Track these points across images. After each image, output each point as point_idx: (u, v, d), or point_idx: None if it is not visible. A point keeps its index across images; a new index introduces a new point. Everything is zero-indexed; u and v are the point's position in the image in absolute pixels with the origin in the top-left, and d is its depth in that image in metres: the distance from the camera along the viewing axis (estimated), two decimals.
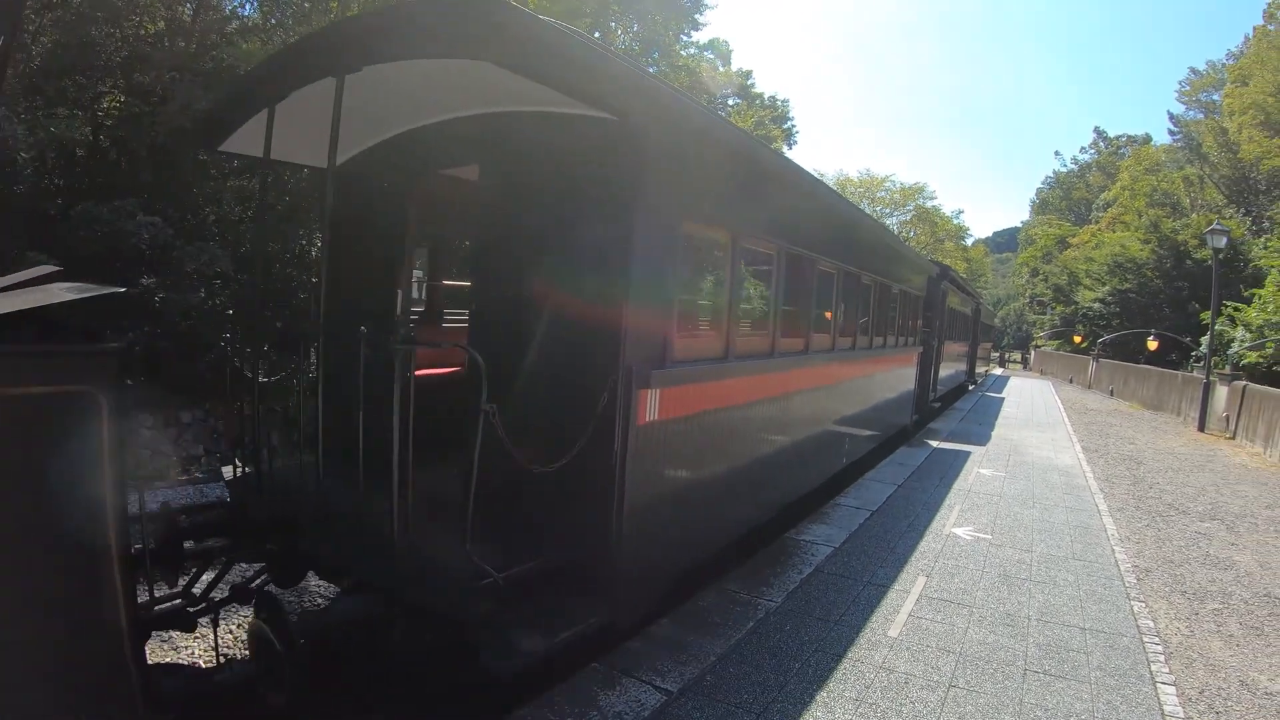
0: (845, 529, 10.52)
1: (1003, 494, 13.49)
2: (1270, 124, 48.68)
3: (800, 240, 9.91)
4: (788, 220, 9.47)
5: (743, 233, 8.17)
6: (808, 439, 11.13)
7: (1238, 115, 52.66)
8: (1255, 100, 50.50)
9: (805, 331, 10.49)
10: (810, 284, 10.59)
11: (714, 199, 7.56)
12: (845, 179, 75.36)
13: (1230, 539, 12.05)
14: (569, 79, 5.21)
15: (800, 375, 10.38)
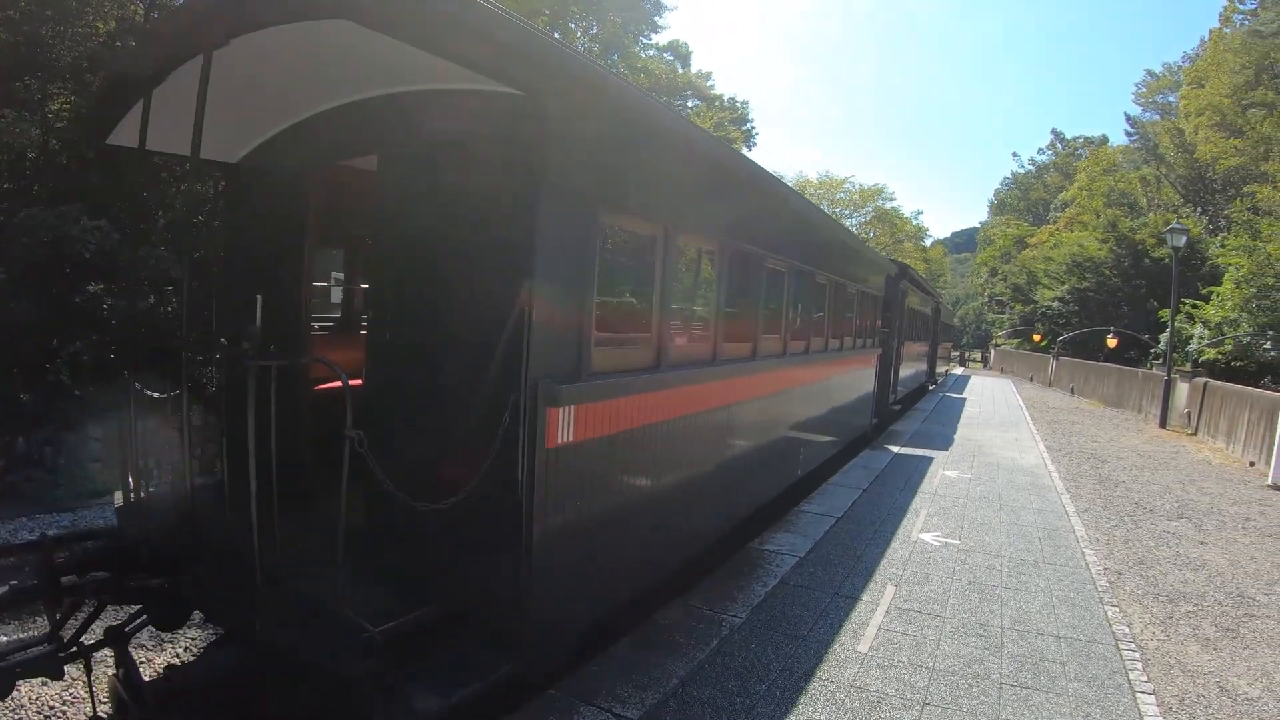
0: (810, 537, 10.14)
1: (969, 496, 13.21)
2: (1226, 125, 49.23)
3: (746, 236, 9.10)
4: (731, 214, 8.58)
5: (677, 226, 7.21)
6: (757, 452, 10.26)
7: (1194, 116, 53.32)
8: (1211, 102, 51.13)
9: (752, 335, 9.66)
10: (758, 284, 9.70)
11: (642, 188, 6.62)
12: (805, 181, 75.37)
13: (1199, 538, 11.87)
14: (455, 45, 4.44)
15: (747, 383, 9.47)
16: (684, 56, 62.60)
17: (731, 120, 61.38)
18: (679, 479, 7.79)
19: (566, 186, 5.50)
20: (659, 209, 6.95)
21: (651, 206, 6.83)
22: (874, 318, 19.19)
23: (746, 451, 9.79)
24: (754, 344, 9.63)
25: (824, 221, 13.56)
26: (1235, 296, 30.87)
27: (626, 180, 6.33)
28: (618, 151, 6.18)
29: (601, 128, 5.80)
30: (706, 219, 8.06)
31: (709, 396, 8.27)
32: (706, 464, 8.49)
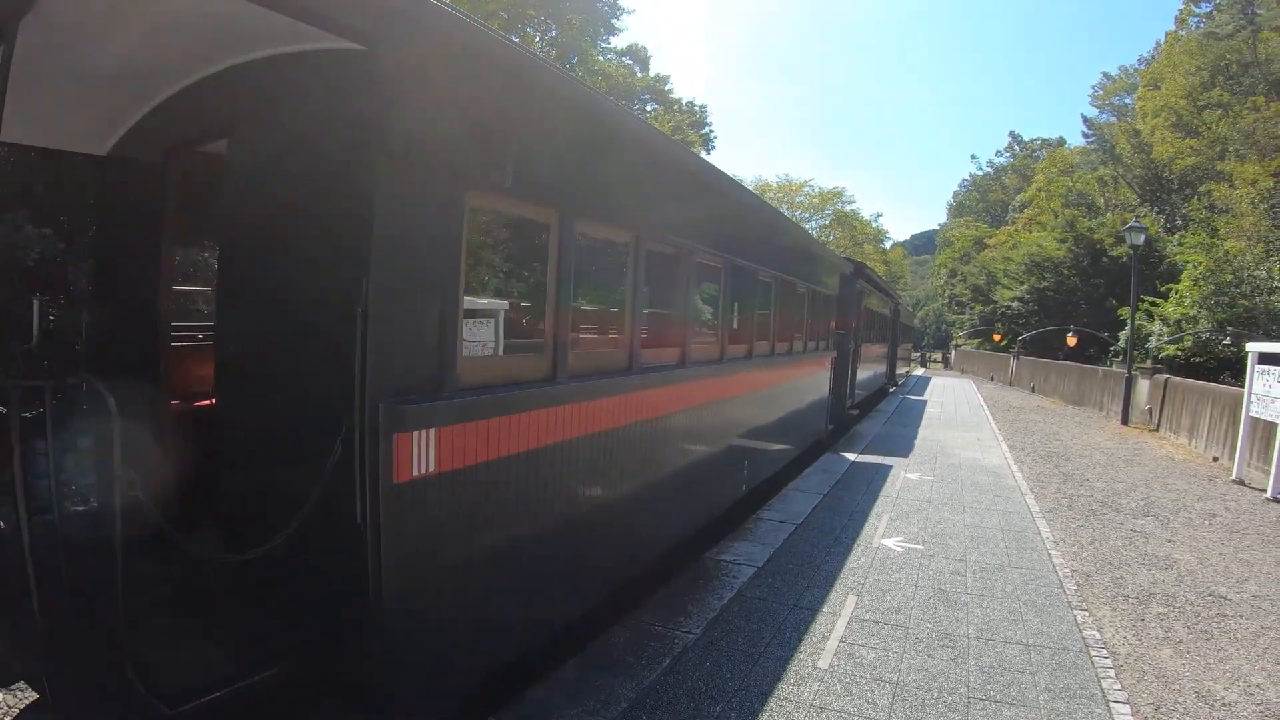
0: (769, 546, 9.71)
1: (931, 499, 12.87)
2: (1182, 125, 50.14)
3: (670, 226, 7.95)
4: (650, 199, 7.51)
5: (578, 212, 6.05)
6: (690, 470, 9.04)
7: (1150, 117, 54.31)
8: (1168, 103, 52.28)
9: (681, 340, 8.52)
10: (686, 281, 8.52)
11: (527, 164, 5.32)
12: (765, 184, 75.50)
13: (1167, 536, 11.61)
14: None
15: (675, 394, 8.26)
16: (643, 60, 62.56)
17: (690, 124, 61.36)
18: (586, 509, 6.69)
19: (419, 161, 4.46)
20: (552, 190, 5.82)
21: (542, 187, 5.69)
22: (828, 319, 18.08)
23: (676, 471, 8.63)
24: (682, 349, 8.51)
25: (767, 214, 12.37)
26: (1194, 293, 30.94)
27: (505, 154, 5.10)
28: (492, 119, 5.06)
29: (470, 91, 4.85)
30: (617, 203, 6.96)
31: (624, 410, 7.10)
32: (623, 488, 7.32)
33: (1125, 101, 73.87)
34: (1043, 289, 53.56)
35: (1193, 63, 51.03)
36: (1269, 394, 15.30)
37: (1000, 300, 60.09)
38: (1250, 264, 30.59)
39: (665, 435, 8.14)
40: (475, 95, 4.90)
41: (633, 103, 58.12)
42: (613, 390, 6.83)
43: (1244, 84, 46.84)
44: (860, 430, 21.36)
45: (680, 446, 8.67)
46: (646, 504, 7.90)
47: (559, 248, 5.89)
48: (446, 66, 4.54)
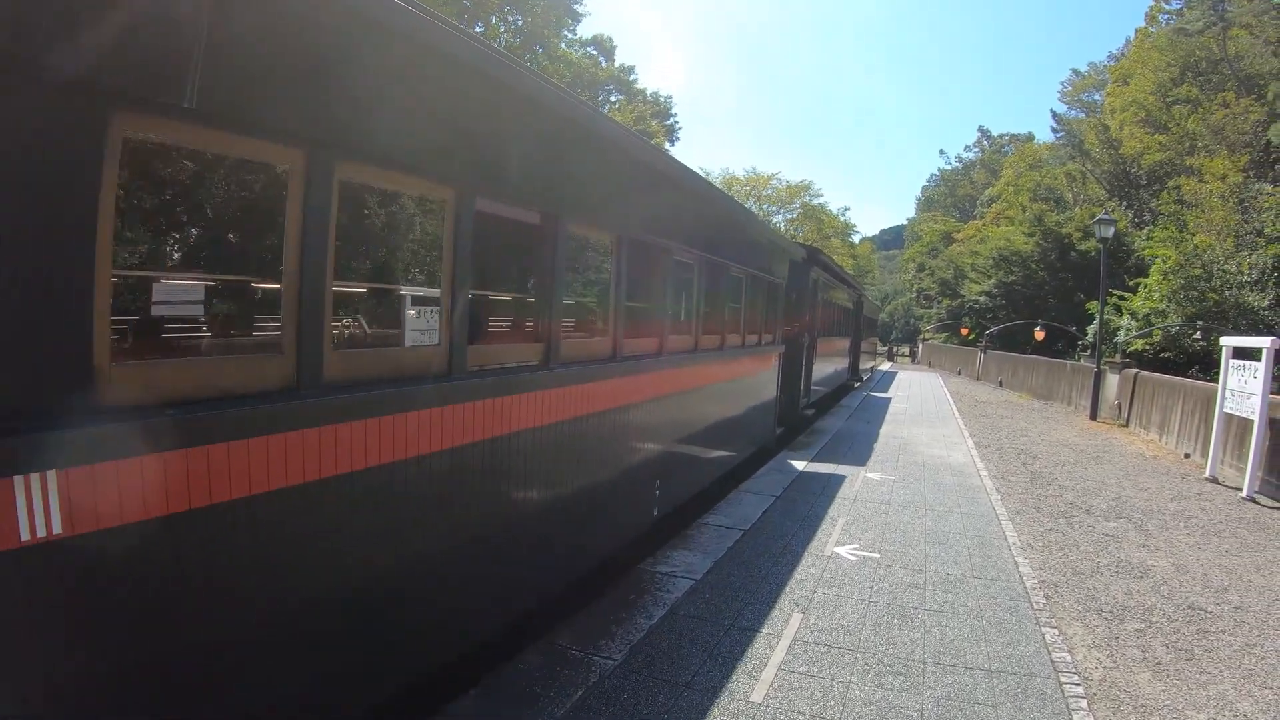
0: (711, 555, 8.83)
1: (891, 501, 12.05)
2: (1151, 121, 50.01)
3: (523, 181, 6.02)
4: (484, 143, 5.44)
5: (349, 153, 4.17)
6: (566, 502, 6.97)
7: (1119, 113, 54.30)
8: (1136, 98, 52.27)
9: (545, 334, 6.43)
10: (551, 257, 6.46)
11: (238, 77, 3.47)
12: (731, 177, 74.78)
13: (1140, 540, 10.87)
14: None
15: (540, 403, 6.21)
16: (608, 51, 61.88)
17: (654, 114, 60.63)
18: (377, 578, 4.61)
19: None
20: (293, 117, 3.82)
21: (270, 111, 3.70)
22: (776, 311, 15.97)
23: (542, 505, 6.56)
24: (548, 346, 6.38)
25: (686, 179, 9.45)
26: (1163, 288, 30.65)
27: (176, 61, 3.19)
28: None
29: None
30: (425, 147, 4.81)
31: (440, 430, 5.02)
32: (436, 542, 5.18)
33: (1094, 98, 74.07)
34: (1010, 283, 53.36)
35: (1163, 59, 51.01)
36: (1244, 389, 14.64)
37: (968, 294, 59.94)
38: (1219, 258, 30.25)
39: (507, 461, 5.88)
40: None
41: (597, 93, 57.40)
42: (402, 404, 4.64)
43: (1213, 80, 46.84)
44: (819, 428, 20.52)
45: (545, 473, 6.49)
46: (483, 559, 5.76)
47: (302, 202, 3.91)
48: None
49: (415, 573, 4.94)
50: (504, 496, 5.93)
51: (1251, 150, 38.46)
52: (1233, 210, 32.80)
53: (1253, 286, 29.58)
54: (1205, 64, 48.29)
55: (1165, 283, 30.51)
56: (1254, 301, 28.85)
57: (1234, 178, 34.60)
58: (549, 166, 6.32)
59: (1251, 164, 37.49)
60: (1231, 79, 44.82)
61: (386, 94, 4.38)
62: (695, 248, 10.13)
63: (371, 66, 4.20)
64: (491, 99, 5.22)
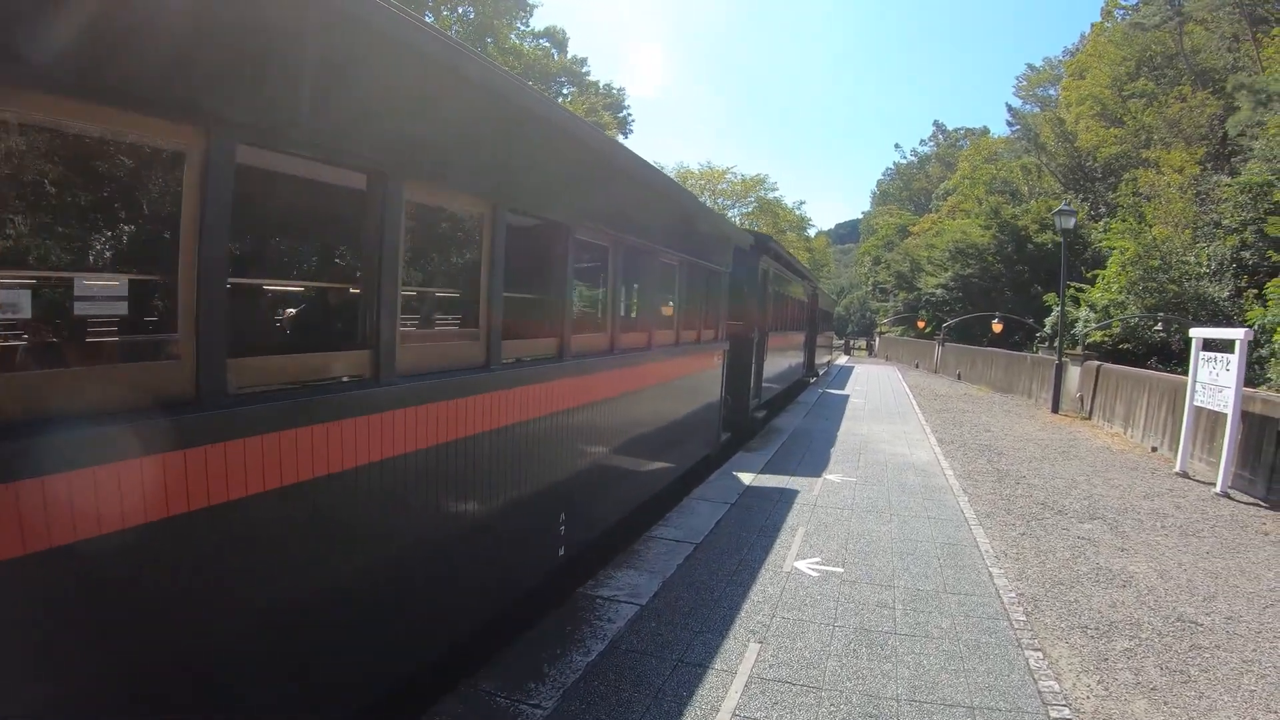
0: (658, 574, 7.90)
1: (854, 506, 11.22)
2: (1107, 114, 50.41)
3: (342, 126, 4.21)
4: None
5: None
6: (435, 549, 5.32)
7: (1075, 106, 54.75)
8: (1092, 92, 52.82)
9: (376, 337, 4.61)
10: (377, 231, 4.50)
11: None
12: (687, 171, 74.04)
13: (1118, 542, 10.21)
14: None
15: (379, 430, 4.50)
16: (561, 43, 61.14)
17: (606, 106, 59.89)
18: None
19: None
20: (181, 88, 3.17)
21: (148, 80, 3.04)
22: (718, 304, 14.05)
23: (405, 552, 4.98)
24: (375, 352, 4.54)
25: (593, 140, 7.54)
26: (1121, 279, 30.51)
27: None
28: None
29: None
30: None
31: (297, 464, 3.89)
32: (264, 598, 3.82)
33: (1050, 93, 75.08)
34: (967, 276, 53.13)
35: (1118, 53, 51.58)
36: (1215, 383, 14.08)
37: (924, 287, 59.73)
38: (1178, 249, 30.13)
39: (370, 497, 4.53)
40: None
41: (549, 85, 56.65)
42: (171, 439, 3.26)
43: (1168, 75, 47.24)
44: (776, 426, 19.69)
45: (405, 512, 4.93)
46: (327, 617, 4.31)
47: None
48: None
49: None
50: (317, 567, 4.20)
51: (1208, 143, 38.61)
52: (1191, 202, 32.84)
53: (1211, 278, 29.53)
54: (1161, 59, 48.73)
55: (1124, 274, 30.35)
56: (1213, 292, 28.74)
57: (1191, 169, 34.69)
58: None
59: (1208, 156, 37.62)
60: (1187, 73, 45.15)
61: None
62: (610, 228, 8.22)
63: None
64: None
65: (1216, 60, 44.02)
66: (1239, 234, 30.21)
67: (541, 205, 6.73)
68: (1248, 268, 29.89)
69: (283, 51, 3.64)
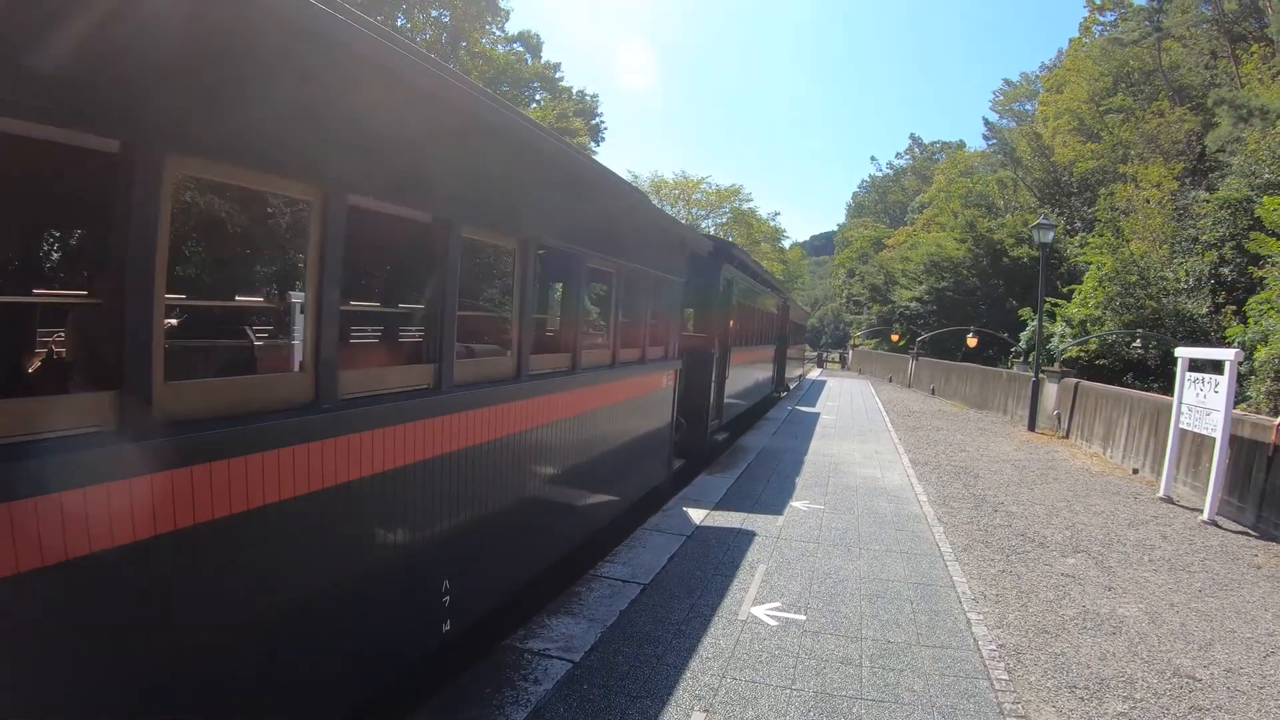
0: (598, 622, 6.96)
1: (821, 538, 10.34)
2: (1084, 129, 50.42)
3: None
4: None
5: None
6: (280, 630, 4.10)
7: (1052, 121, 54.93)
8: (1070, 106, 52.88)
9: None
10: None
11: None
12: (661, 181, 73.62)
13: (1105, 580, 9.43)
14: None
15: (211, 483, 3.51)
16: (535, 48, 60.54)
17: (578, 111, 59.21)
18: None
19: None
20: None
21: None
22: (670, 316, 12.34)
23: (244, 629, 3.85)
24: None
25: (513, 128, 6.19)
26: (1098, 294, 30.05)
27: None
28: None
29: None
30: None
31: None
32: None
33: (1026, 108, 75.63)
34: (942, 289, 52.82)
35: (1096, 69, 51.65)
36: (1203, 404, 13.39)
37: (899, 300, 59.42)
38: (1156, 265, 29.73)
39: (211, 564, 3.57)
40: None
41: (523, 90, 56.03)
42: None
43: (1145, 91, 47.24)
44: (743, 445, 18.77)
45: (248, 583, 3.85)
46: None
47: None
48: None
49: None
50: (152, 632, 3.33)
51: (1185, 158, 38.42)
52: (1170, 217, 32.56)
53: (1190, 294, 29.16)
54: (1139, 74, 48.77)
55: (1101, 289, 29.93)
56: (1192, 308, 28.31)
57: (1169, 184, 34.45)
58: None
59: (1185, 172, 37.42)
60: (1165, 89, 45.24)
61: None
62: (518, 226, 6.64)
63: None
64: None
65: (1194, 77, 44.05)
66: (1217, 249, 29.96)
67: (434, 205, 5.40)
68: (1225, 284, 29.61)
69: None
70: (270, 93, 3.77)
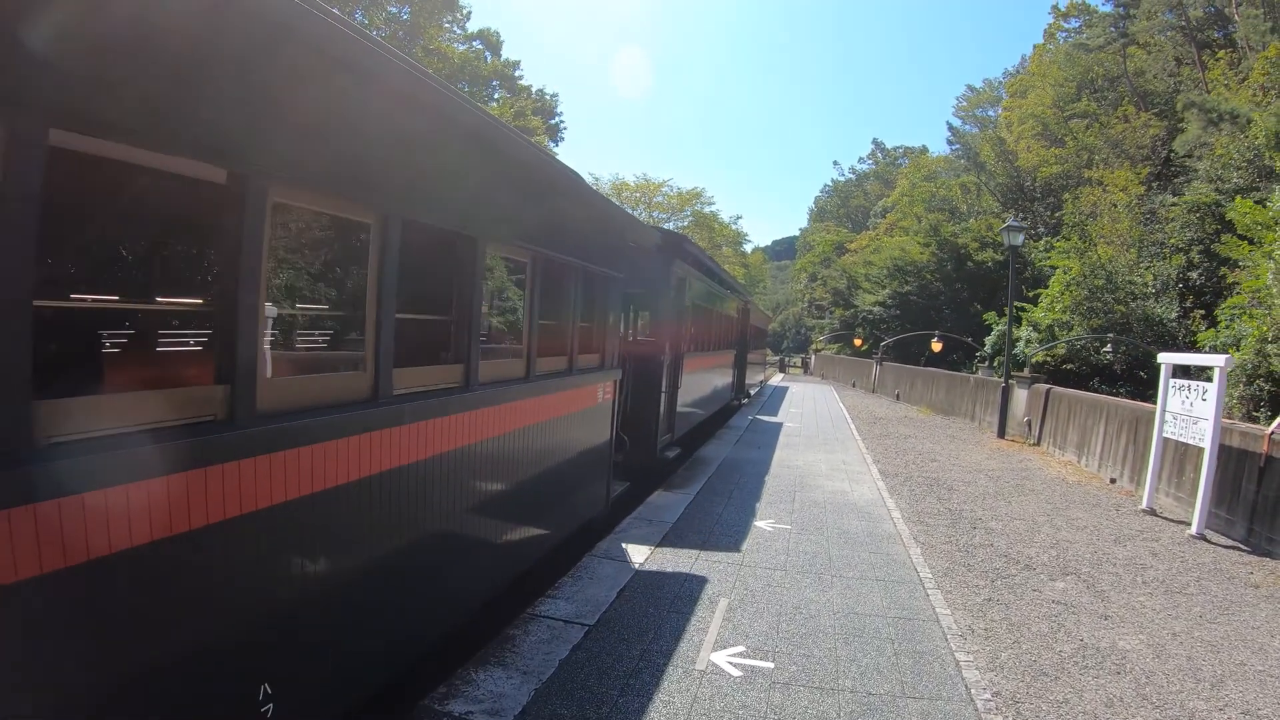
0: (534, 675, 5.89)
1: (789, 564, 9.33)
2: (1048, 134, 50.29)
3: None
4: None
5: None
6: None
7: (1017, 126, 55.18)
8: (1034, 111, 52.86)
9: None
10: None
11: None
12: (622, 183, 72.80)
13: (1099, 606, 8.58)
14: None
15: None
16: (495, 46, 59.74)
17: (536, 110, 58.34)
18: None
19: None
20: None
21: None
22: (606, 319, 10.33)
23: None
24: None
25: (392, 76, 4.58)
26: (1065, 298, 29.66)
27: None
28: None
29: None
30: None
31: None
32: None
33: (989, 114, 75.77)
34: (905, 293, 52.43)
35: (1061, 74, 51.77)
36: (1189, 413, 12.64)
37: (861, 304, 58.97)
38: (1124, 269, 29.34)
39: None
40: None
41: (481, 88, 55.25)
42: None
43: (1109, 97, 47.33)
44: (703, 456, 17.80)
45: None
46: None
47: None
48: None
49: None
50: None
51: (1151, 163, 38.28)
52: (1137, 221, 32.30)
53: (1156, 297, 28.82)
54: (1103, 81, 48.91)
55: (1068, 294, 29.53)
56: (1161, 312, 27.92)
57: (1135, 189, 34.28)
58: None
59: (1151, 176, 37.31)
60: (1130, 95, 45.36)
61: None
62: (375, 198, 4.82)
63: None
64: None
65: (1158, 84, 44.15)
66: (1185, 253, 29.71)
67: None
68: (1193, 288, 29.34)
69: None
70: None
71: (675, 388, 15.61)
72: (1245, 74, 34.77)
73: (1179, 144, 35.52)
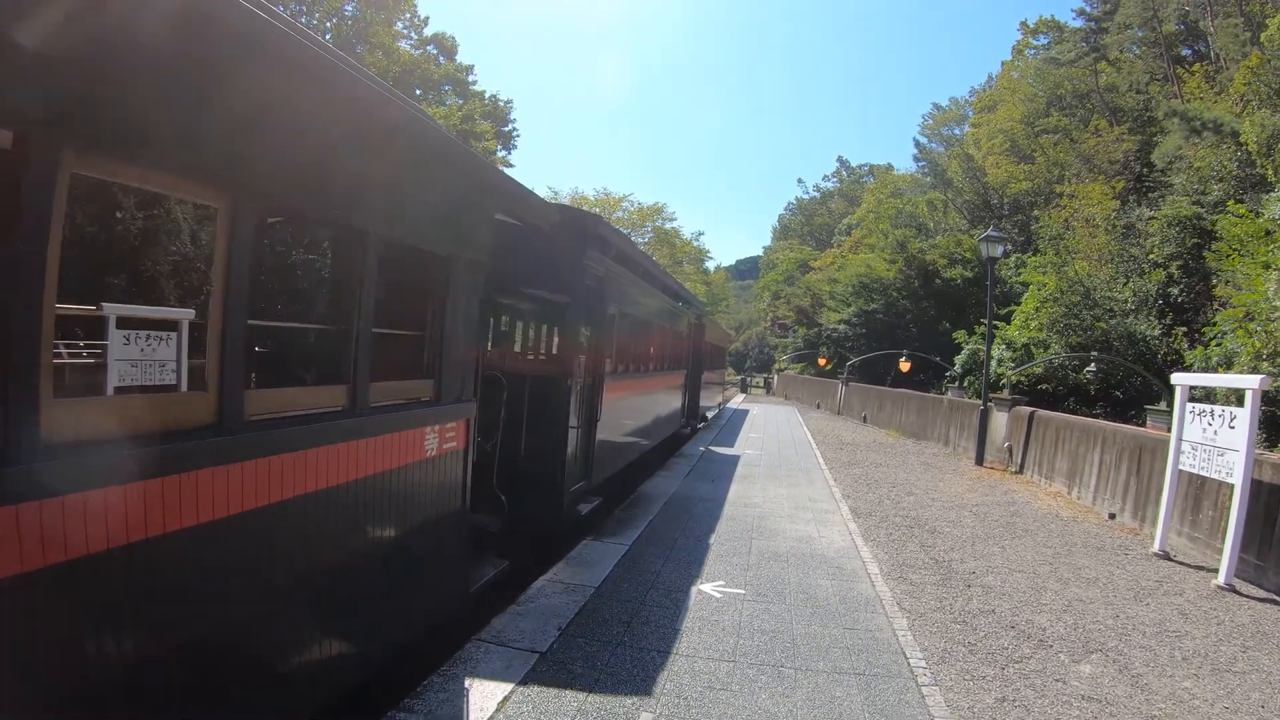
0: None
1: (739, 650, 7.06)
2: (1016, 150, 50.22)
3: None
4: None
5: None
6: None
7: (985, 141, 55.38)
8: (1003, 127, 52.93)
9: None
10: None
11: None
12: (582, 197, 71.13)
13: (1141, 702, 6.55)
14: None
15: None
16: (449, 50, 58.28)
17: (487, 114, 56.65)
18: None
19: None
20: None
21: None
22: (453, 324, 6.56)
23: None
24: None
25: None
26: (1041, 315, 28.27)
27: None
28: None
29: None
30: None
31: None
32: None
33: (955, 132, 75.38)
34: (871, 311, 51.06)
35: (1031, 89, 51.86)
36: (1212, 443, 10.74)
37: (826, 323, 57.84)
38: (1102, 284, 27.96)
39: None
40: None
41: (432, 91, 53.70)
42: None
43: (1079, 113, 47.00)
44: (647, 492, 15.62)
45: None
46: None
47: None
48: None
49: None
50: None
51: (1124, 177, 37.27)
52: (1114, 235, 31.21)
53: (1136, 314, 27.48)
54: (1072, 97, 48.83)
55: (1043, 311, 28.12)
56: (1143, 329, 26.47)
57: (1109, 204, 33.27)
58: None
59: (1125, 191, 36.28)
60: (1101, 110, 45.02)
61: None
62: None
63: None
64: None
65: (1129, 101, 43.64)
66: (1165, 268, 28.49)
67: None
68: (1174, 304, 28.07)
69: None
70: None
71: (593, 420, 12.25)
72: (1222, 86, 33.97)
73: (1157, 156, 34.66)
